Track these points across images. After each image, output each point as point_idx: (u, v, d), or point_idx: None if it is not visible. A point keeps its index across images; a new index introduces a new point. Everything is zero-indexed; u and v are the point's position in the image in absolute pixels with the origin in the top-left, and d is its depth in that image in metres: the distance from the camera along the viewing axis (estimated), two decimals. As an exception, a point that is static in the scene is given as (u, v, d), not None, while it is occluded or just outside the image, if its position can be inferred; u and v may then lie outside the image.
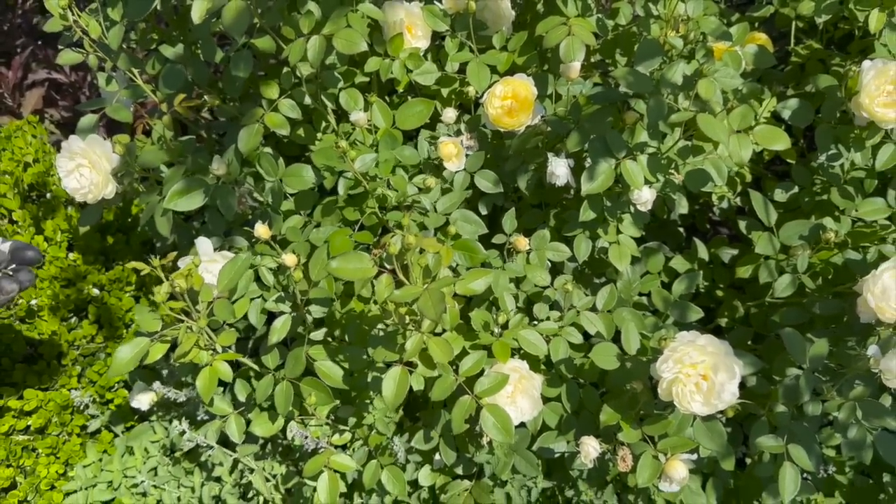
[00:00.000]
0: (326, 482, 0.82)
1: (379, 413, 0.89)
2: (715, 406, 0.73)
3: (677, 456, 0.80)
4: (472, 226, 0.89)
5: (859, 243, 0.93)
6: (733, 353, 0.75)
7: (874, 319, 0.85)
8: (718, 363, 0.73)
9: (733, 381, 0.73)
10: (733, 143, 0.86)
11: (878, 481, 1.06)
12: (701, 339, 0.74)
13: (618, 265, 0.94)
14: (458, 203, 0.89)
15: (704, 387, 0.73)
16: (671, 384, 0.74)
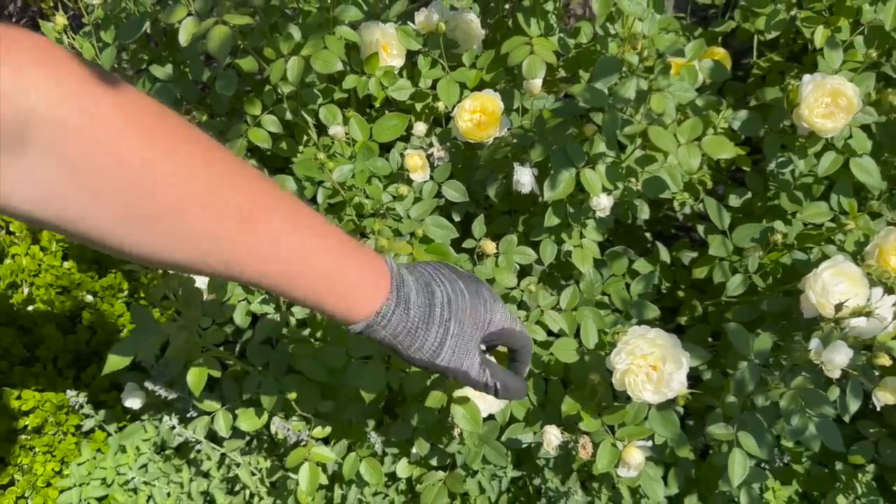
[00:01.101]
0: (307, 472, 0.87)
1: (359, 408, 0.95)
2: (664, 394, 0.80)
3: (634, 443, 0.86)
4: (443, 231, 0.95)
5: (805, 244, 1.00)
6: (681, 345, 0.81)
7: (816, 315, 0.92)
8: (667, 354, 0.79)
9: (681, 371, 0.79)
10: (682, 152, 0.93)
11: (833, 470, 1.13)
12: (651, 332, 0.80)
13: (580, 267, 1.00)
14: (429, 210, 0.95)
15: (654, 377, 0.80)
16: (624, 374, 0.80)
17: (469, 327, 0.64)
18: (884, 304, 0.91)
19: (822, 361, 0.88)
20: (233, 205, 0.51)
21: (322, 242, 0.57)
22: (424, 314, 0.62)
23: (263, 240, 0.53)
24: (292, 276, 0.55)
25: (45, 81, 0.43)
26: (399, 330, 0.61)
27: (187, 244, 0.51)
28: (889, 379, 1.00)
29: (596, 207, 0.95)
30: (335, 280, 0.57)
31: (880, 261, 0.92)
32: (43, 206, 0.46)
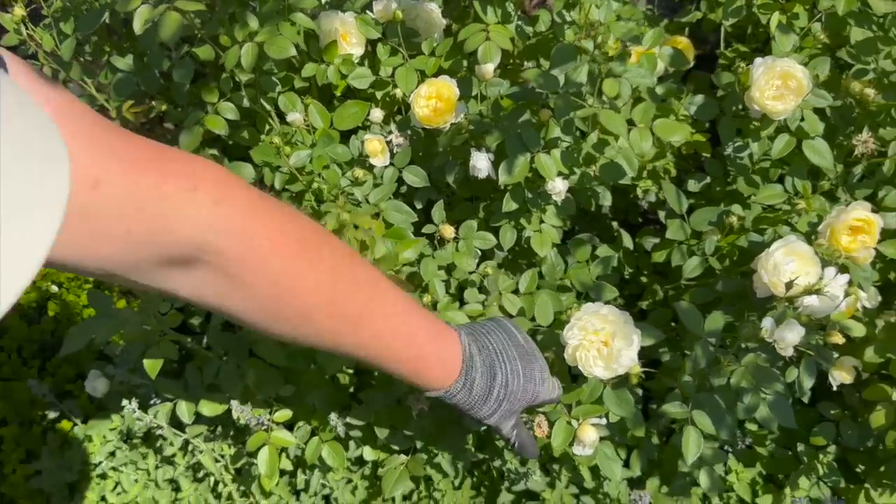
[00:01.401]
0: (266, 456, 0.88)
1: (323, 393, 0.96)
2: (615, 370, 0.81)
3: (588, 421, 0.87)
4: (402, 215, 0.96)
5: (761, 226, 1.01)
6: (633, 323, 0.82)
7: (769, 294, 0.93)
8: (617, 330, 0.80)
9: (631, 347, 0.80)
10: (634, 136, 0.94)
11: (796, 453, 1.14)
12: (603, 309, 0.81)
13: (539, 251, 1.01)
14: (388, 195, 0.96)
15: (605, 352, 0.81)
16: (575, 350, 0.81)
17: (518, 404, 0.81)
18: (836, 284, 0.92)
19: (775, 340, 0.89)
20: (348, 312, 0.68)
21: (412, 334, 0.74)
22: (485, 393, 0.78)
23: (367, 336, 0.70)
24: (386, 360, 0.73)
25: (218, 219, 0.55)
26: (462, 402, 0.78)
27: (312, 337, 0.68)
28: (845, 358, 1.01)
29: (552, 192, 0.96)
30: (419, 365, 0.74)
31: (831, 240, 0.93)
32: (204, 299, 0.60)
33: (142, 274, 0.55)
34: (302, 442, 0.95)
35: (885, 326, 0.98)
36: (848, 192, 1.04)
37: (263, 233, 0.59)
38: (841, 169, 1.06)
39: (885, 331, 0.98)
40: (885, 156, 1.01)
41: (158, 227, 0.52)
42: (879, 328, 0.99)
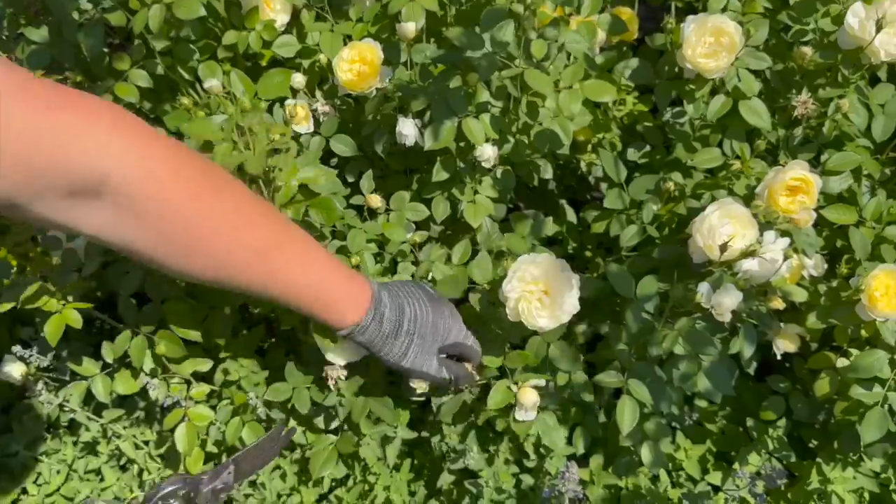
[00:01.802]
0: (184, 433, 0.84)
1: (244, 370, 0.92)
2: (559, 318, 0.78)
3: (528, 383, 0.84)
4: (329, 183, 0.92)
5: (698, 191, 0.98)
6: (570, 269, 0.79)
7: (705, 259, 0.90)
8: (556, 277, 0.77)
9: (571, 292, 0.78)
10: (563, 97, 0.90)
11: (746, 428, 1.10)
12: (539, 258, 0.78)
13: (472, 222, 0.98)
14: (312, 162, 0.92)
15: (547, 301, 0.78)
16: (517, 303, 0.78)
17: (430, 339, 0.83)
18: (775, 247, 0.89)
19: (712, 306, 0.86)
20: (257, 239, 0.70)
21: (321, 263, 0.77)
22: (394, 327, 0.81)
23: (277, 268, 0.72)
24: (298, 292, 0.75)
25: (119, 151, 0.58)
26: (374, 338, 0.80)
27: (221, 271, 0.70)
28: (789, 326, 0.99)
29: (481, 158, 0.93)
30: (330, 295, 0.77)
31: (769, 201, 0.90)
32: (109, 236, 0.62)
33: (46, 205, 0.57)
34: (224, 422, 0.91)
35: (828, 291, 0.95)
36: (789, 157, 1.01)
37: (161, 156, 0.62)
38: (783, 133, 1.03)
39: (827, 296, 0.95)
40: (825, 117, 0.98)
41: (59, 157, 0.55)
42: (822, 293, 0.96)
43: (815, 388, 0.95)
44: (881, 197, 1.00)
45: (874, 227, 0.99)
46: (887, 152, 1.03)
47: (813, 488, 1.04)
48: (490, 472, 0.92)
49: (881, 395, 0.88)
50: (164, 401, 0.84)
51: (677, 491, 1.03)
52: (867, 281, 0.87)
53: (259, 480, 0.96)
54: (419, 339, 0.82)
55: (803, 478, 1.07)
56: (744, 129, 1.00)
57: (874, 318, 0.87)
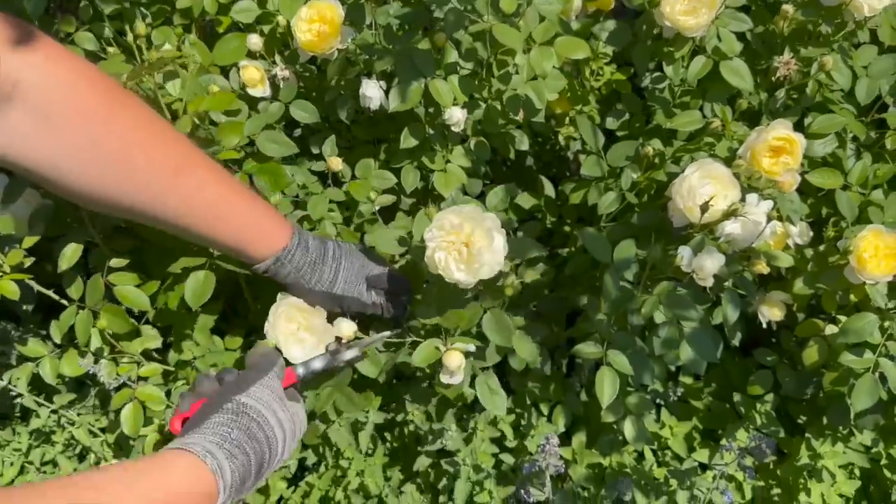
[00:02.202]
0: (130, 413, 0.79)
1: (200, 349, 0.87)
2: (477, 272, 0.72)
3: (455, 345, 0.78)
4: (279, 146, 0.87)
5: (678, 155, 0.94)
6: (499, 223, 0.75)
7: (686, 222, 0.86)
8: (477, 227, 0.72)
9: (492, 245, 0.72)
10: (534, 54, 0.86)
11: (733, 404, 1.06)
12: (465, 207, 0.73)
13: (443, 192, 0.93)
14: (263, 125, 0.87)
15: (465, 253, 0.72)
16: (434, 252, 0.73)
17: (357, 266, 0.82)
18: (758, 210, 0.85)
19: (693, 269, 0.82)
20: (170, 157, 0.68)
21: (238, 191, 0.74)
22: (320, 253, 0.79)
23: (193, 187, 0.69)
24: (215, 217, 0.71)
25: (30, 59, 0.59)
26: (301, 264, 0.77)
27: (132, 188, 0.67)
28: (774, 293, 0.95)
29: (449, 121, 0.88)
30: (249, 220, 0.74)
31: (752, 162, 0.86)
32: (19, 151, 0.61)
33: None
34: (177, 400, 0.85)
35: (815, 256, 0.91)
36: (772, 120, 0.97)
37: (71, 66, 0.62)
38: (764, 97, 1.00)
39: (814, 260, 0.91)
40: (808, 78, 0.95)
41: None
42: (809, 258, 0.92)
43: (804, 357, 0.91)
44: (866, 160, 0.97)
45: (860, 192, 0.95)
46: (872, 114, 1.00)
47: (802, 464, 1.01)
48: (468, 451, 0.88)
49: (872, 361, 0.85)
50: (111, 382, 0.78)
51: (663, 470, 0.99)
52: (855, 242, 0.83)
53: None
54: (347, 264, 0.80)
55: (792, 454, 1.03)
56: (725, 92, 0.96)
57: (863, 280, 0.84)
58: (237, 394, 0.66)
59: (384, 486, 0.96)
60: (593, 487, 0.96)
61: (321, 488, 0.97)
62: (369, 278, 0.83)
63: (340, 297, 0.81)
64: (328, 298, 0.81)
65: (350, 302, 0.82)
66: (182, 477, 0.57)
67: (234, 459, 0.60)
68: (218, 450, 0.60)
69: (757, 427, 1.02)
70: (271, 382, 0.69)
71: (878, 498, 1.08)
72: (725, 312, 0.86)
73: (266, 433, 0.64)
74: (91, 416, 0.94)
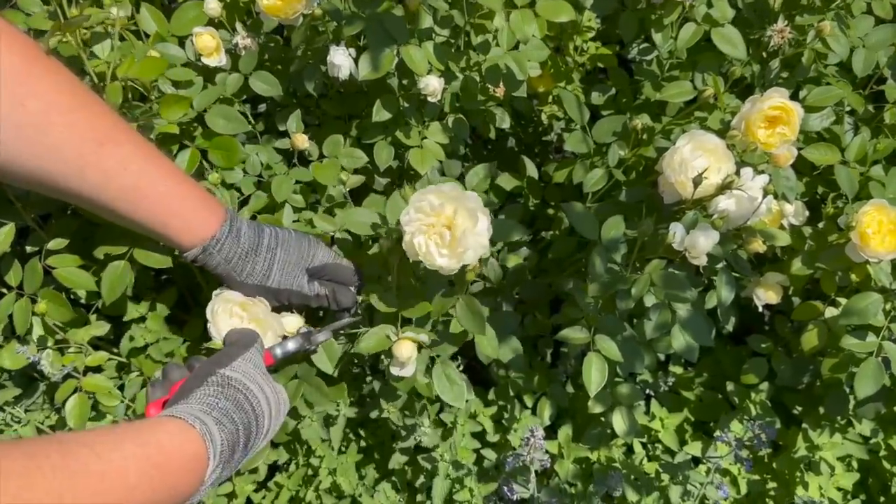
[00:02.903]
0: (75, 405, 0.72)
1: (153, 335, 0.80)
2: (461, 257, 0.65)
3: (405, 335, 0.72)
4: (231, 123, 0.80)
5: (668, 128, 0.89)
6: (482, 203, 0.67)
7: (678, 198, 0.81)
8: (460, 208, 0.66)
9: (477, 226, 0.65)
10: (515, 18, 0.80)
11: (726, 394, 1.01)
12: (445, 186, 0.66)
13: (419, 169, 0.87)
14: (214, 99, 0.81)
15: (448, 237, 0.66)
16: (413, 237, 0.66)
17: (295, 256, 0.75)
18: (753, 185, 0.80)
19: (686, 248, 0.76)
20: (94, 128, 0.62)
21: (166, 170, 0.67)
22: (254, 243, 0.72)
23: (116, 162, 0.63)
24: (138, 197, 0.65)
25: None
26: (232, 255, 0.71)
27: (50, 156, 0.61)
28: (770, 274, 0.90)
29: (424, 91, 0.82)
30: (176, 203, 0.67)
31: (747, 133, 0.81)
32: None
33: None
34: (131, 399, 0.79)
35: (814, 234, 0.86)
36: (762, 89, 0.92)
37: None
38: (757, 69, 0.94)
39: (813, 239, 0.86)
40: (803, 46, 0.90)
41: None
42: (808, 237, 0.87)
43: (803, 342, 0.86)
44: (865, 135, 0.92)
45: (858, 168, 0.90)
46: (870, 87, 0.95)
47: (800, 456, 0.96)
48: (446, 446, 0.82)
49: (875, 345, 0.80)
50: (55, 374, 0.71)
51: (654, 464, 0.93)
52: (857, 218, 0.78)
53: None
54: (283, 255, 0.74)
55: (788, 446, 0.98)
56: (717, 63, 0.91)
57: (866, 258, 0.78)
58: (220, 368, 0.61)
59: (358, 485, 0.89)
60: (581, 483, 0.90)
61: (290, 488, 0.91)
62: (311, 269, 0.77)
63: (276, 290, 0.74)
64: (263, 292, 0.74)
65: (289, 295, 0.76)
66: (171, 438, 0.53)
67: (223, 427, 0.56)
68: (206, 416, 0.56)
69: (751, 418, 0.97)
70: (254, 357, 0.65)
71: (876, 490, 1.04)
72: (720, 293, 0.80)
73: (253, 405, 0.60)
74: (40, 412, 0.87)
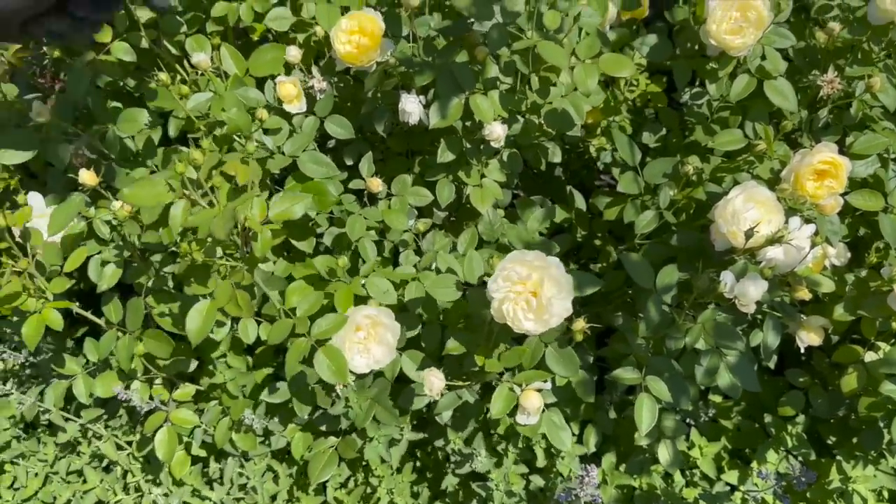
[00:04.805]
0: (164, 438, 0.78)
1: (232, 372, 0.85)
2: (547, 322, 0.70)
3: (531, 386, 0.78)
4: (322, 167, 0.86)
5: (719, 175, 0.92)
6: (564, 268, 0.72)
7: (729, 247, 0.85)
8: (545, 277, 0.70)
9: (562, 294, 0.70)
10: (578, 72, 0.85)
11: (763, 425, 1.05)
12: (529, 254, 0.71)
13: (479, 208, 0.92)
14: (305, 145, 0.86)
15: (534, 303, 0.71)
16: (501, 303, 0.71)
17: None
18: (801, 234, 0.84)
19: (736, 296, 0.80)
20: None
21: None
22: None
23: None
24: None
25: None
26: None
27: None
28: (812, 318, 0.93)
29: (489, 137, 0.87)
30: None
31: (796, 186, 0.85)
32: None
33: None
34: (210, 425, 0.84)
35: (856, 281, 0.90)
36: (813, 140, 0.96)
37: None
38: (805, 115, 0.98)
39: (855, 286, 0.90)
40: (852, 97, 0.93)
41: None
42: (849, 284, 0.90)
43: (842, 384, 0.90)
44: (909, 182, 0.95)
45: (902, 214, 0.94)
46: (915, 135, 0.98)
47: (833, 487, 1.00)
48: (500, 474, 0.87)
49: (914, 392, 0.83)
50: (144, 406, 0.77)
51: (693, 490, 0.98)
52: (900, 270, 0.82)
53: (250, 484, 0.90)
54: None
55: (822, 476, 1.03)
56: (766, 110, 0.94)
57: (908, 309, 0.82)
58: None
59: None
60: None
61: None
62: None
63: None
64: None
65: None
66: None
67: None
68: None
69: (787, 449, 1.02)
70: None
71: (907, 521, 1.08)
72: (766, 339, 0.85)
73: None
74: (118, 429, 0.93)
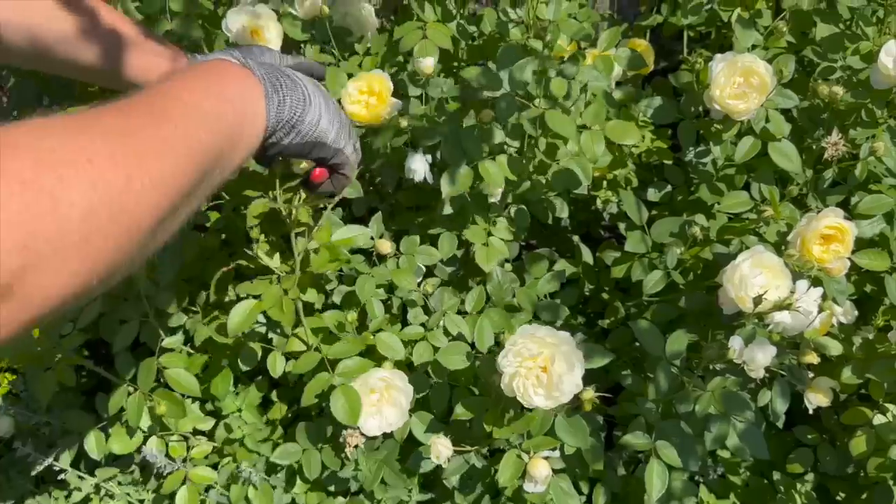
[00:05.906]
0: (185, 497, 0.78)
1: (249, 427, 0.86)
2: (557, 399, 0.71)
3: (540, 454, 0.78)
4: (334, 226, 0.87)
5: (726, 237, 0.93)
6: (575, 345, 0.73)
7: (736, 310, 0.85)
8: (556, 354, 0.71)
9: (572, 371, 0.71)
10: (585, 139, 0.86)
11: (772, 481, 1.05)
12: (540, 330, 0.72)
13: (483, 267, 0.93)
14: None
15: (545, 379, 0.71)
16: (512, 378, 0.72)
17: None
18: (808, 298, 0.84)
19: (744, 361, 0.81)
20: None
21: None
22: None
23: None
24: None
25: None
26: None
27: None
28: (821, 379, 0.94)
29: (497, 197, 0.88)
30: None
31: (802, 250, 0.85)
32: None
33: None
34: (227, 483, 0.85)
35: (863, 344, 0.90)
36: (818, 199, 0.97)
37: None
38: (811, 175, 0.99)
39: (862, 349, 0.90)
40: (856, 159, 0.94)
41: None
42: (856, 346, 0.91)
43: (851, 447, 0.90)
44: (916, 242, 0.96)
45: (909, 274, 0.94)
46: (921, 194, 0.98)
47: (843, 547, 0.99)
48: (507, 538, 0.87)
49: (923, 457, 0.83)
50: (163, 466, 0.78)
51: (702, 550, 0.98)
52: (908, 335, 0.82)
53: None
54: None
55: (832, 534, 1.02)
56: (771, 170, 0.95)
57: (915, 374, 0.83)
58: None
59: (420, 562, 0.95)
60: (632, 568, 0.95)
61: (357, 562, 0.96)
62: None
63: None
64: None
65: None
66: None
67: (276, 85, 0.61)
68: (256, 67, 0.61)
69: (797, 508, 1.01)
70: (320, 87, 0.68)
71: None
72: (774, 405, 0.85)
73: (308, 93, 0.64)
74: (131, 486, 0.94)
